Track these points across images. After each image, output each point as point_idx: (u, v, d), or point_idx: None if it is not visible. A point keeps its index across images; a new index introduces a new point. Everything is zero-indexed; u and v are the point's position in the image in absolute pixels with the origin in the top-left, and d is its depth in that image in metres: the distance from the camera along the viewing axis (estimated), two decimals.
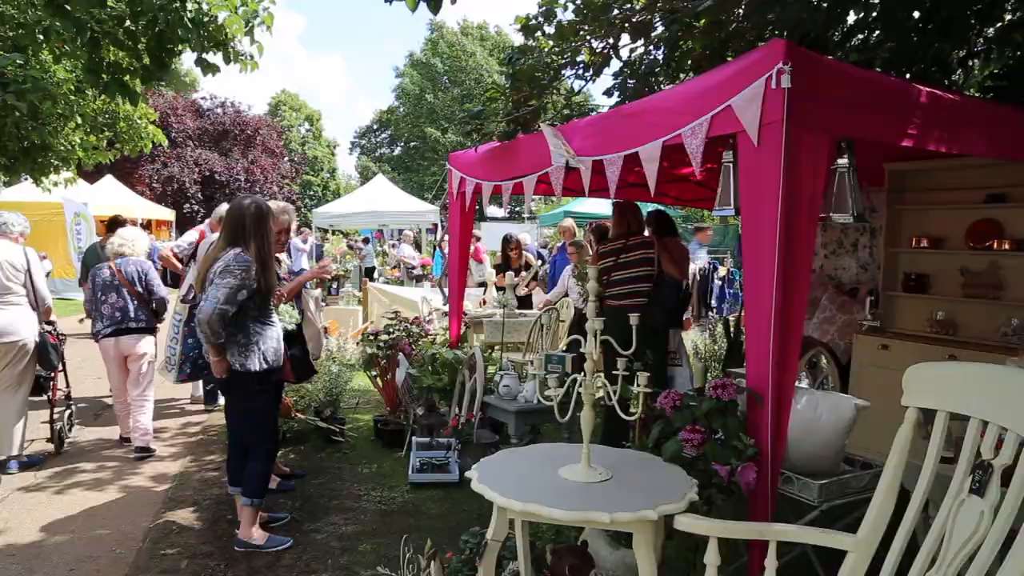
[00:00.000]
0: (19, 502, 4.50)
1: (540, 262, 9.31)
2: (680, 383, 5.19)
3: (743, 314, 6.66)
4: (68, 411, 5.75)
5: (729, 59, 4.38)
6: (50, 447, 5.43)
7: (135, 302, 5.35)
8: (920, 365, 2.12)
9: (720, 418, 2.71)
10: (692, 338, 8.18)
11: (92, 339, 5.67)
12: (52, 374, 5.40)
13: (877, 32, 4.90)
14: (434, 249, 15.08)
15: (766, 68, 2.63)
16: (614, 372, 2.54)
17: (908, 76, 4.73)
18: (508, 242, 8.72)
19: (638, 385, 2.51)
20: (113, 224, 7.17)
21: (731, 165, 3.01)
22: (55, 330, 5.34)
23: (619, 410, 2.49)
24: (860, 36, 5.11)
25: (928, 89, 3.16)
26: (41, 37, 5.81)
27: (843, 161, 3.09)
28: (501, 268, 8.76)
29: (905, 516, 2.01)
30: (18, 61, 5.97)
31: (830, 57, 4.00)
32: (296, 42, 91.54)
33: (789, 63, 2.56)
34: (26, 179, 9.18)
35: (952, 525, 1.89)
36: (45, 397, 5.38)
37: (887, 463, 2.09)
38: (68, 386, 5.75)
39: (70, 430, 5.78)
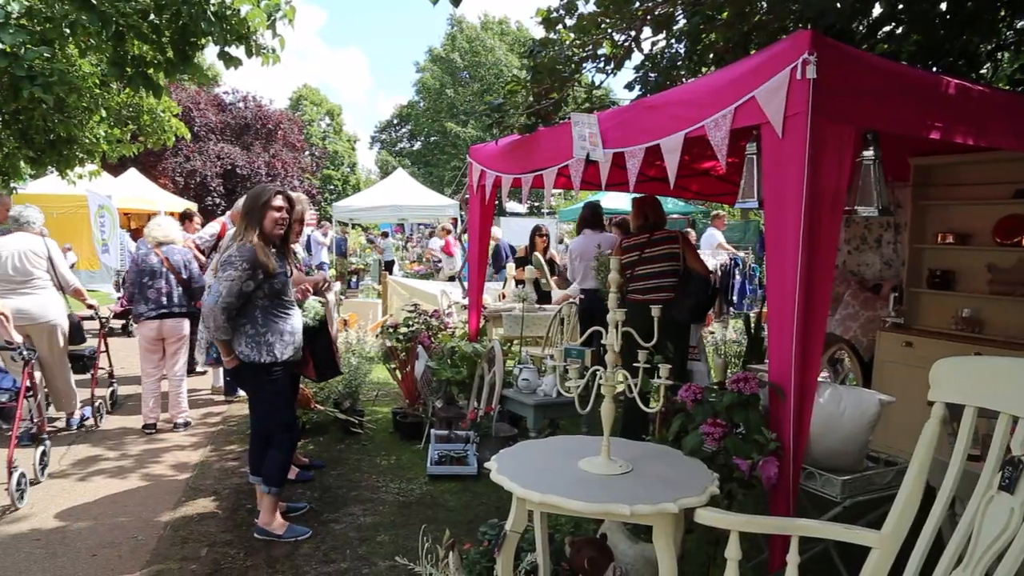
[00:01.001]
0: (44, 488, 4.57)
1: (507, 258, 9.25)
2: (698, 378, 5.15)
3: (764, 310, 6.63)
4: (111, 388, 6.50)
5: (752, 52, 4.33)
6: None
7: (179, 288, 5.70)
8: (948, 359, 2.08)
9: (741, 412, 2.69)
10: (712, 334, 8.13)
11: (122, 325, 5.90)
12: (95, 353, 6.02)
13: (903, 24, 4.82)
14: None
15: (791, 58, 2.60)
16: (635, 364, 2.52)
17: (935, 69, 4.66)
18: (538, 231, 8.68)
19: (659, 378, 2.49)
20: (184, 217, 8.04)
21: (754, 157, 2.99)
22: (97, 314, 6.01)
23: (640, 402, 2.47)
24: (886, 29, 5.04)
25: (956, 81, 3.11)
26: (67, 31, 5.87)
27: (869, 153, 3.05)
28: (521, 262, 8.73)
29: (931, 513, 1.98)
30: (45, 55, 6.03)
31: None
32: (317, 37, 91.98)
33: (815, 53, 2.53)
34: (51, 172, 9.29)
35: (981, 522, 1.86)
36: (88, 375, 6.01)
37: (913, 458, 2.06)
38: (111, 365, 6.46)
39: (113, 407, 6.43)
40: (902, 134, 3.12)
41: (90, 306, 5.85)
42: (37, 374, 5.07)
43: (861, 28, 4.96)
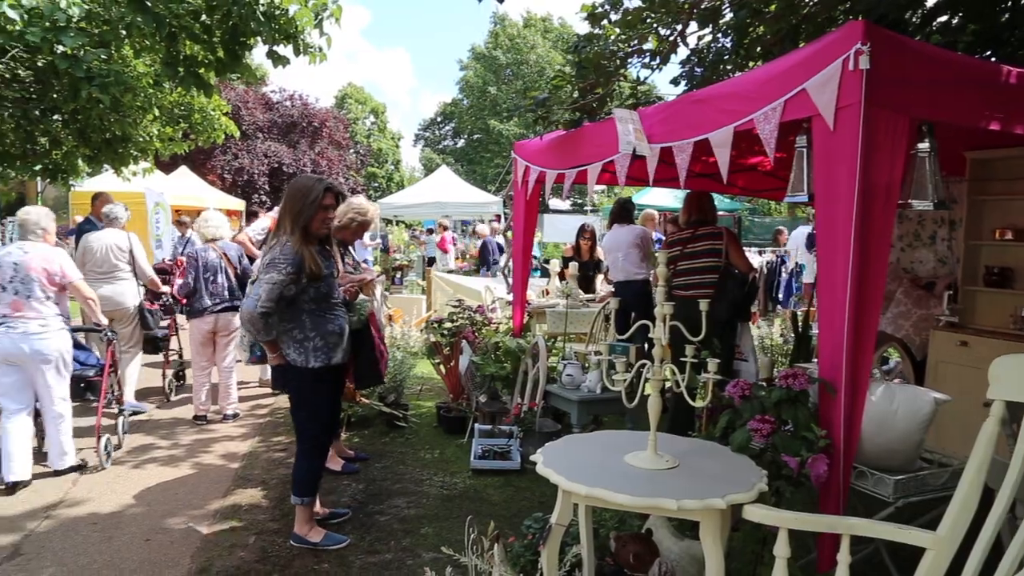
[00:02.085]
0: (101, 474, 4.72)
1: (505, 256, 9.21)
2: (745, 378, 5.06)
3: (812, 308, 6.50)
4: (181, 368, 7.12)
5: (801, 45, 4.25)
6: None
7: (236, 282, 5.89)
8: (1008, 356, 2.02)
9: (790, 408, 2.65)
10: (758, 332, 8.01)
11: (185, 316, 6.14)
12: (167, 336, 6.64)
13: (959, 14, 4.68)
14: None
15: (843, 49, 2.55)
16: (681, 359, 2.50)
17: (993, 60, 4.51)
18: (583, 231, 8.64)
19: (707, 373, 2.47)
20: (249, 215, 8.41)
21: (804, 150, 2.93)
22: (167, 301, 6.78)
23: (687, 397, 2.45)
24: (941, 19, 4.90)
25: (1018, 70, 3.01)
26: (123, 33, 6.04)
27: (924, 145, 2.97)
28: (567, 261, 8.68)
29: (990, 515, 1.93)
30: (102, 56, 6.22)
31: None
32: (361, 36, 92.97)
33: (868, 43, 2.48)
34: (106, 169, 9.56)
35: None
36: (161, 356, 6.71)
37: (970, 458, 2.00)
38: (180, 347, 7.09)
39: (180, 384, 7.02)
40: (959, 125, 3.03)
41: (162, 294, 6.67)
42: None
43: (914, 19, 4.84)
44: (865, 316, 2.61)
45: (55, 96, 6.98)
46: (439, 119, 49.63)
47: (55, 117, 7.42)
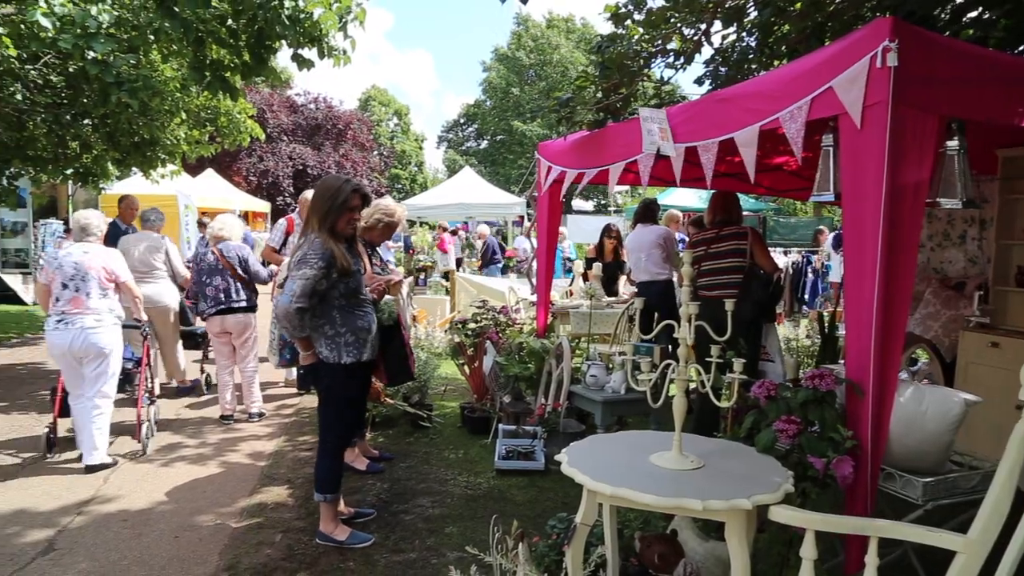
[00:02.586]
0: (131, 471, 4.80)
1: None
2: (771, 379, 5.02)
3: (838, 308, 6.44)
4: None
5: (827, 43, 4.21)
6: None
7: (237, 283, 5.82)
8: None
9: (817, 409, 2.63)
10: (784, 333, 7.94)
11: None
12: (205, 332, 6.71)
13: (991, 9, 4.60)
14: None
15: (871, 46, 2.52)
16: (707, 359, 2.49)
17: None
18: (608, 231, 8.62)
19: (732, 373, 2.45)
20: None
21: (831, 149, 2.91)
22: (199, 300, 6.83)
23: (713, 397, 2.44)
24: (971, 15, 4.82)
25: None
26: (152, 38, 6.14)
27: (953, 143, 2.94)
28: (590, 262, 8.66)
29: (1023, 518, 1.90)
30: (131, 61, 6.33)
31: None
32: (384, 39, 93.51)
33: (896, 40, 2.45)
34: (135, 172, 9.72)
35: None
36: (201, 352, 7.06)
37: (1002, 460, 1.98)
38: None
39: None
40: (990, 122, 2.99)
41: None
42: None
43: (944, 15, 4.76)
44: (893, 316, 2.58)
45: (85, 101, 7.13)
46: (462, 121, 49.75)
47: (85, 122, 7.58)
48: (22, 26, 5.88)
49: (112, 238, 6.97)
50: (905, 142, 2.52)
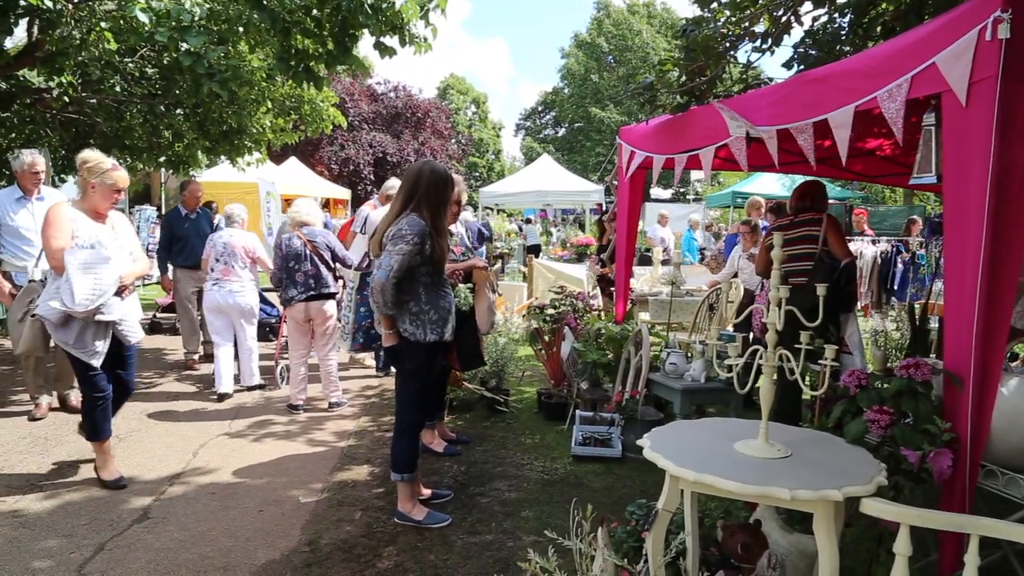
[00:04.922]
0: (221, 446, 5.01)
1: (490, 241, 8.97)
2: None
3: (930, 300, 6.12)
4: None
5: (926, 20, 3.99)
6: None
7: (325, 269, 5.83)
8: None
9: (911, 400, 2.52)
10: (870, 325, 7.62)
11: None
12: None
13: None
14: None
15: (980, 18, 2.38)
16: (796, 346, 2.40)
17: None
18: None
19: (823, 359, 2.36)
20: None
21: (933, 129, 2.76)
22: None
23: (802, 383, 2.35)
24: None
25: None
26: (241, 30, 6.33)
27: None
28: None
29: None
30: (221, 53, 6.55)
31: None
32: (462, 28, 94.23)
33: (1009, 10, 2.30)
34: (223, 160, 10.09)
35: None
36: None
37: None
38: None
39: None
40: None
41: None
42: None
43: None
44: (997, 304, 2.43)
45: (178, 92, 7.42)
46: (540, 108, 49.68)
47: (178, 111, 7.91)
48: (121, 21, 6.16)
49: (176, 222, 7.39)
50: (1016, 121, 2.36)
